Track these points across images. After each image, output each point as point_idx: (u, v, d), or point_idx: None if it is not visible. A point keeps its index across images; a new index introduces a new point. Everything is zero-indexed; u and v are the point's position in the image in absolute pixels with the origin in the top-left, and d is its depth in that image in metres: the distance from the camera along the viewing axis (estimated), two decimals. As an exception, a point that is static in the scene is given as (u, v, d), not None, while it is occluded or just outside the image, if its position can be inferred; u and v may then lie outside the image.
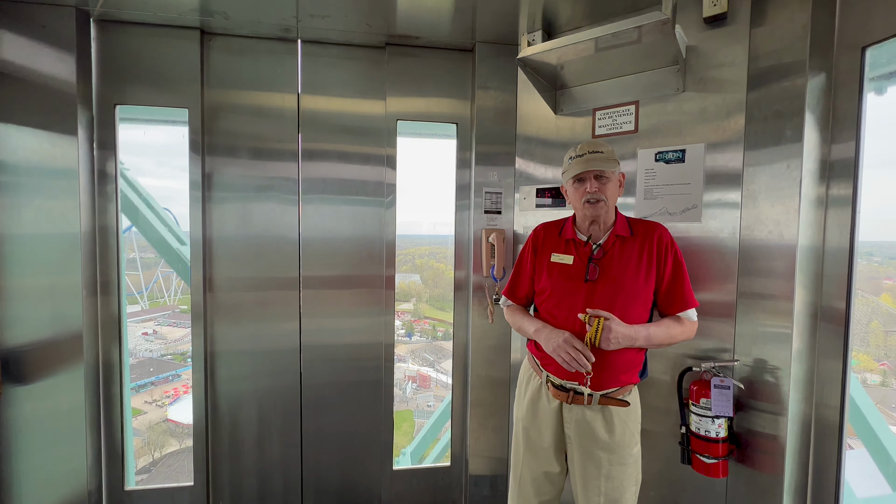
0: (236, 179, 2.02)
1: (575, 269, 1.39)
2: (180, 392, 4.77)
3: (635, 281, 1.34)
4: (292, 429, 2.12)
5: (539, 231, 1.56)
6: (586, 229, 1.42)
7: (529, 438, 1.48)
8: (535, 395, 1.46)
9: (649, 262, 1.36)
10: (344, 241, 2.12)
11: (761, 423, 1.45)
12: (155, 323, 5.42)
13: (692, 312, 1.38)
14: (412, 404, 5.63)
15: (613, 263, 1.36)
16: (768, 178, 1.43)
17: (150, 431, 4.51)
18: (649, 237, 1.38)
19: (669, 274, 1.36)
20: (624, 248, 1.38)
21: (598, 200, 1.35)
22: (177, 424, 4.55)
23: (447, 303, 2.28)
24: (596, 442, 1.35)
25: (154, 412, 4.62)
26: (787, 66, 1.38)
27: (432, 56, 2.11)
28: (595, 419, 1.35)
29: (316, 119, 2.07)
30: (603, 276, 1.35)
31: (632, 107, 1.75)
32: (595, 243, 1.40)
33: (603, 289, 1.34)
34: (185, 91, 1.93)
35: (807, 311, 1.38)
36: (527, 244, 1.57)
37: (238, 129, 2.01)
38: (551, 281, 1.43)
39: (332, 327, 2.13)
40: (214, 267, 2.01)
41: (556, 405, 1.41)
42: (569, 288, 1.38)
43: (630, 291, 1.34)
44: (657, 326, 1.34)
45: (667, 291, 1.37)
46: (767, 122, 1.44)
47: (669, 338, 1.35)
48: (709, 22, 1.56)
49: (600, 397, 1.34)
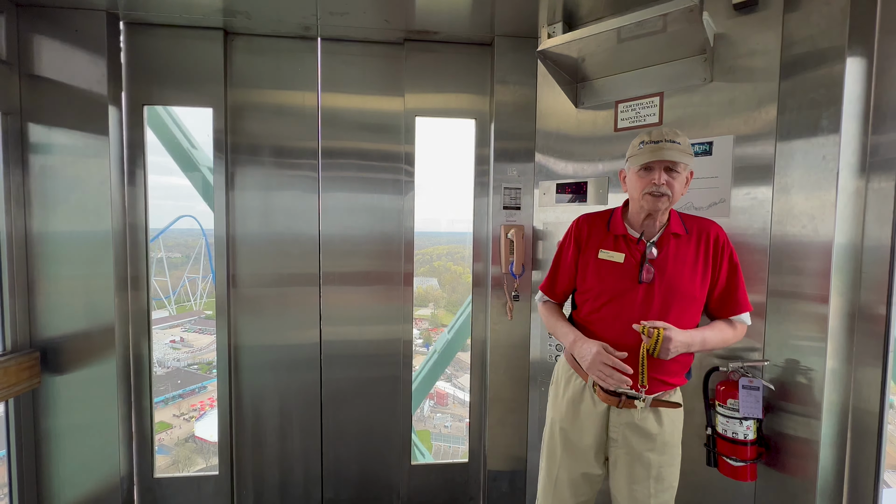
0: (258, 177, 2.06)
1: (627, 269, 1.29)
2: (206, 406, 4.77)
3: (692, 283, 1.27)
4: (312, 422, 2.16)
5: (582, 223, 1.43)
6: (639, 224, 1.32)
7: (568, 440, 1.41)
8: (577, 396, 1.39)
9: (705, 264, 1.28)
10: (363, 238, 2.14)
11: (793, 426, 1.39)
12: (182, 329, 5.52)
13: (746, 316, 1.31)
14: (429, 424, 5.42)
15: (669, 264, 1.27)
16: (802, 171, 1.37)
17: (178, 449, 4.51)
18: (705, 236, 1.29)
19: (725, 276, 1.29)
20: (679, 247, 1.29)
21: (662, 195, 1.23)
22: (204, 442, 4.54)
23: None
24: (646, 444, 1.30)
25: (182, 427, 4.62)
26: (824, 52, 1.31)
27: (451, 51, 2.09)
28: (646, 421, 1.30)
29: (336, 116, 2.09)
30: (658, 278, 1.26)
31: (656, 98, 1.70)
32: (649, 241, 1.30)
33: (658, 291, 1.26)
34: (210, 91, 1.97)
35: (843, 312, 1.32)
36: (567, 237, 1.46)
37: (260, 128, 2.05)
38: (599, 280, 1.33)
39: (352, 323, 2.16)
40: (238, 263, 2.06)
41: (602, 408, 1.34)
42: (620, 289, 1.29)
43: (686, 294, 1.26)
44: (711, 330, 1.28)
45: (721, 294, 1.30)
46: (801, 112, 1.37)
47: (723, 342, 1.29)
48: (738, 8, 1.49)
49: (652, 400, 1.30)
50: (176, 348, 5.35)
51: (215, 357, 2.05)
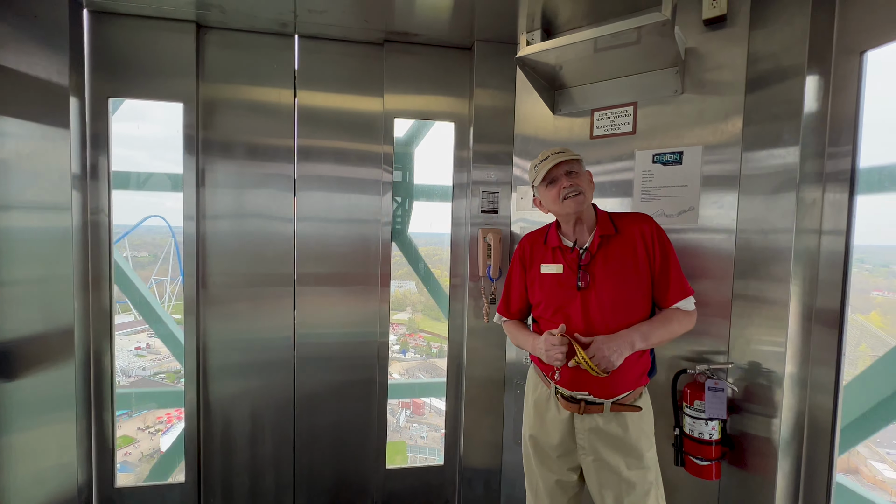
0: (231, 175, 2.00)
1: (566, 278, 1.35)
2: (174, 419, 4.37)
3: (628, 280, 1.31)
4: (285, 426, 2.11)
5: (524, 244, 1.52)
6: (571, 233, 1.39)
7: (538, 447, 1.45)
8: (543, 403, 1.43)
9: (638, 258, 1.31)
10: (340, 239, 2.11)
11: (754, 426, 1.45)
12: (149, 335, 5.09)
13: (688, 302, 1.32)
14: (405, 434, 5.25)
15: (604, 265, 1.32)
16: (765, 181, 1.43)
17: (143, 465, 4.04)
18: (634, 231, 1.33)
19: (659, 265, 1.31)
20: (610, 247, 1.33)
21: (577, 193, 1.30)
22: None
23: (443, 312, 2.26)
24: (611, 448, 1.32)
25: (146, 442, 4.17)
26: (786, 69, 1.38)
27: (431, 54, 2.09)
28: (608, 426, 1.32)
29: (312, 115, 2.06)
30: (595, 282, 1.31)
31: (630, 108, 1.75)
32: (581, 248, 1.36)
33: (597, 294, 1.31)
34: (180, 85, 1.91)
35: (801, 314, 1.39)
36: (514, 259, 1.54)
37: (233, 125, 1.99)
38: (544, 292, 1.39)
39: (327, 325, 2.12)
40: (208, 263, 2.00)
41: (566, 415, 1.37)
42: (562, 298, 1.34)
43: (625, 292, 1.30)
44: (650, 324, 1.30)
45: (659, 284, 1.32)
46: (765, 125, 1.44)
47: (669, 332, 1.30)
48: (708, 24, 1.55)
49: (612, 404, 1.31)
50: (141, 355, 4.93)
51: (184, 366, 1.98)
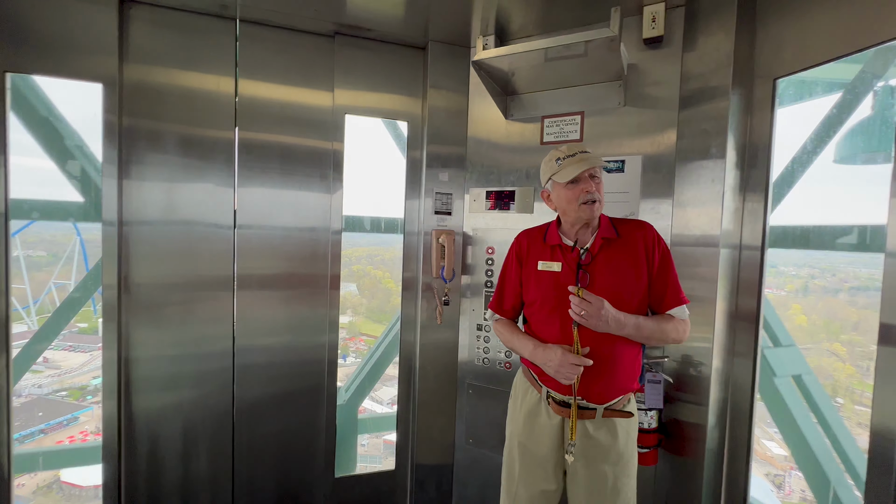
0: (160, 167, 1.81)
1: (564, 277, 1.34)
2: (77, 440, 3.53)
3: (626, 284, 1.31)
4: (223, 442, 1.95)
5: (522, 239, 1.49)
6: (573, 234, 1.37)
7: (526, 453, 1.42)
8: (534, 408, 1.41)
9: (638, 263, 1.32)
10: (285, 239, 1.99)
11: (686, 413, 1.59)
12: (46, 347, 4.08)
13: (682, 310, 1.33)
14: None
15: (603, 268, 1.32)
16: (696, 190, 1.57)
17: (40, 499, 3.20)
18: (635, 236, 1.34)
19: (657, 272, 1.32)
20: (611, 250, 1.33)
21: (595, 201, 1.28)
22: (74, 488, 3.25)
23: (385, 314, 2.22)
24: (602, 456, 1.32)
25: (42, 472, 3.25)
26: (714, 89, 1.53)
27: (384, 51, 2.05)
28: (599, 433, 1.32)
29: (256, 107, 1.92)
30: (594, 282, 1.31)
31: (577, 117, 1.84)
32: (582, 248, 1.35)
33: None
34: (99, 64, 1.70)
35: (726, 311, 1.54)
36: (510, 254, 1.51)
37: (164, 112, 1.81)
38: (540, 291, 1.37)
39: (271, 330, 1.99)
40: (132, 265, 1.79)
41: (557, 420, 1.36)
42: (560, 297, 1.32)
43: (622, 295, 1.30)
44: (646, 318, 1.31)
45: (655, 290, 1.34)
46: (695, 139, 1.58)
47: (661, 332, 1.31)
48: (647, 43, 1.68)
49: (604, 410, 1.32)
50: (36, 371, 4.01)
51: (92, 379, 1.75)
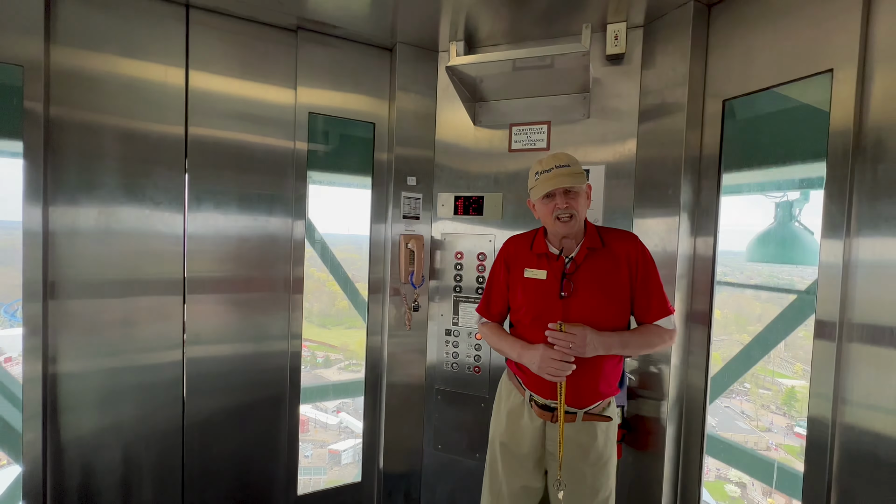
0: (96, 159, 1.62)
1: (549, 285, 1.36)
2: None
3: (609, 293, 1.34)
4: (171, 467, 1.78)
5: (509, 245, 1.51)
6: (558, 242, 1.39)
7: (508, 453, 1.45)
8: (516, 410, 1.44)
9: (621, 273, 1.35)
10: (242, 241, 1.86)
11: (647, 409, 1.69)
12: None
13: (668, 320, 1.36)
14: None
15: (587, 277, 1.34)
16: (655, 199, 1.68)
17: None
18: (620, 248, 1.36)
19: (640, 282, 1.35)
20: (596, 260, 1.35)
21: (570, 217, 1.30)
22: None
23: (329, 318, 2.14)
24: (581, 458, 1.36)
25: None
26: (670, 105, 1.63)
27: (351, 49, 1.98)
28: (579, 436, 1.36)
29: (209, 101, 1.78)
30: (577, 291, 1.33)
31: (545, 126, 1.89)
32: (567, 257, 1.37)
33: (578, 304, 1.33)
34: (19, 43, 1.49)
35: (682, 312, 1.66)
36: (498, 259, 1.53)
37: (101, 102, 1.63)
38: (526, 297, 1.40)
39: (225, 338, 1.86)
40: (59, 266, 1.59)
41: (539, 423, 1.39)
42: (544, 304, 1.35)
43: (605, 304, 1.33)
44: (632, 333, 1.34)
45: (640, 300, 1.36)
46: (654, 151, 1.69)
47: (648, 344, 1.35)
48: (610, 59, 1.77)
49: (584, 414, 1.36)
50: None
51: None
